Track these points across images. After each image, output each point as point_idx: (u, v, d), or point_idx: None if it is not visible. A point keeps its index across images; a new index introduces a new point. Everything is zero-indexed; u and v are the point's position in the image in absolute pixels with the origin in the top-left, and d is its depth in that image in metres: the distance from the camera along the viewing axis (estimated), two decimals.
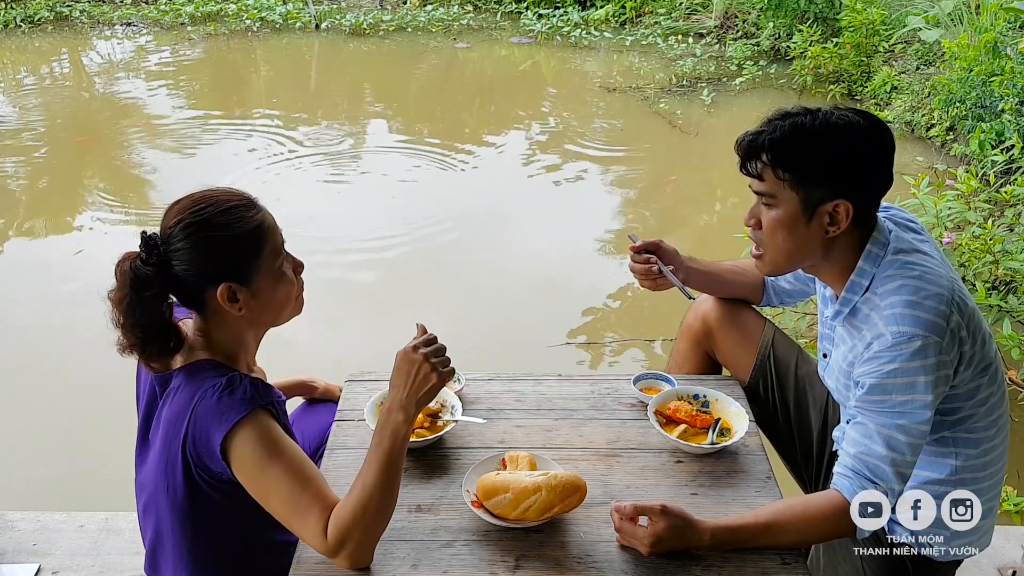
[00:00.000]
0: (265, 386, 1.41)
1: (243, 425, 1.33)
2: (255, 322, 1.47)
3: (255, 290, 1.41)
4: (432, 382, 1.39)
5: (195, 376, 1.40)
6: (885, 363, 1.42)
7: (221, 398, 1.34)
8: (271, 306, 1.45)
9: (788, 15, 6.87)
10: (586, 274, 4.22)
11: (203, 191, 1.42)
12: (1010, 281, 3.16)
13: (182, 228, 1.36)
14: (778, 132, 1.45)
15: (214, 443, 1.33)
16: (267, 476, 1.33)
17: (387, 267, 4.21)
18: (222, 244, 1.37)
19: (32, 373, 3.39)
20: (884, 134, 1.47)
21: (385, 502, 1.37)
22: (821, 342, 1.71)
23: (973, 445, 1.54)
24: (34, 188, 5.28)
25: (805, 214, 1.46)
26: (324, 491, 1.36)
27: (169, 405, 1.41)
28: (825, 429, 1.87)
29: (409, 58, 7.68)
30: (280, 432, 1.37)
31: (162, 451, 1.41)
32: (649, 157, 5.74)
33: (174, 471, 1.39)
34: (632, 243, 1.93)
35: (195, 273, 1.37)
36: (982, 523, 1.57)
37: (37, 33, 8.16)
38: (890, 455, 1.42)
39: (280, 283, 1.45)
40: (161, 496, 1.43)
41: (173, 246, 1.37)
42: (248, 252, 1.40)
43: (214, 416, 1.34)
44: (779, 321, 2.92)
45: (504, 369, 1.97)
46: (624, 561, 1.43)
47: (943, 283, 1.44)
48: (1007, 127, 4.23)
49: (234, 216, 1.39)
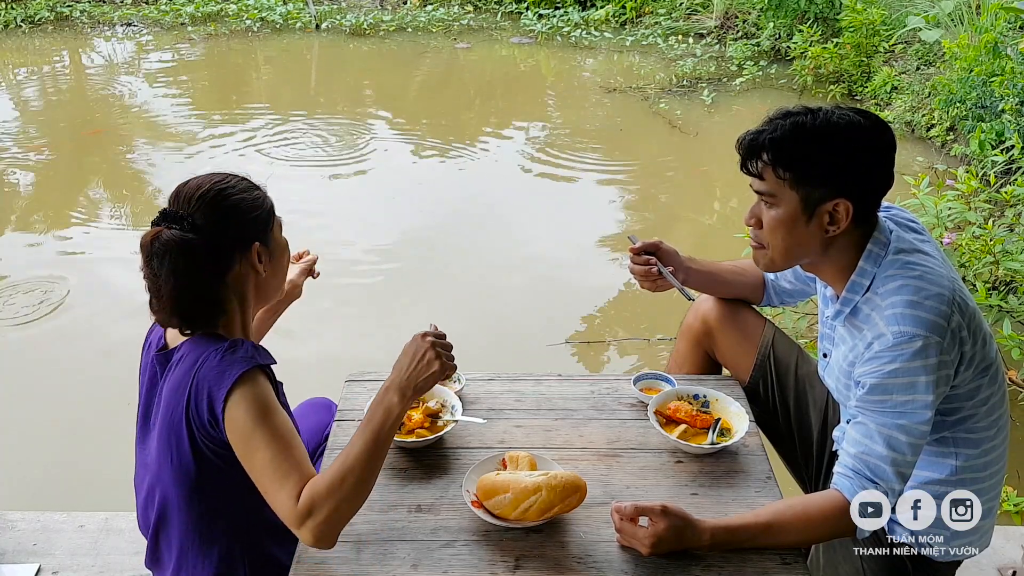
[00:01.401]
0: (265, 351, 1.46)
1: (242, 383, 1.36)
2: (261, 292, 1.53)
3: (271, 255, 1.51)
4: (434, 368, 1.41)
5: (198, 345, 1.43)
6: (886, 363, 1.42)
7: (224, 357, 1.39)
8: (278, 276, 1.55)
9: (788, 15, 6.88)
10: (586, 274, 4.22)
11: (207, 174, 1.49)
12: (1010, 281, 3.16)
13: (206, 199, 1.43)
14: (779, 131, 1.45)
15: (217, 400, 1.36)
16: (255, 436, 1.35)
17: (387, 266, 4.21)
18: (247, 208, 1.46)
19: (32, 373, 3.40)
20: (885, 134, 1.47)
21: (363, 479, 1.36)
22: (821, 342, 1.71)
23: (973, 445, 1.54)
24: (34, 188, 5.28)
25: (805, 213, 1.46)
26: (305, 462, 1.37)
27: (172, 376, 1.44)
28: (825, 429, 1.87)
29: (409, 58, 7.68)
30: (273, 397, 1.40)
31: (165, 423, 1.43)
32: (649, 157, 5.74)
33: (179, 439, 1.41)
34: (631, 244, 1.93)
35: (230, 235, 1.44)
36: (982, 523, 1.56)
37: (37, 33, 8.16)
38: (891, 455, 1.42)
39: (283, 254, 1.57)
40: (165, 470, 1.44)
41: (199, 217, 1.41)
42: (267, 219, 1.50)
43: (217, 375, 1.37)
44: (779, 321, 2.92)
45: (504, 369, 1.97)
46: (624, 561, 1.43)
47: (944, 283, 1.44)
48: (1007, 127, 4.23)
49: (246, 187, 1.49)
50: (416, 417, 1.71)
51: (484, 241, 4.56)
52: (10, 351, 3.52)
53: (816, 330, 3.25)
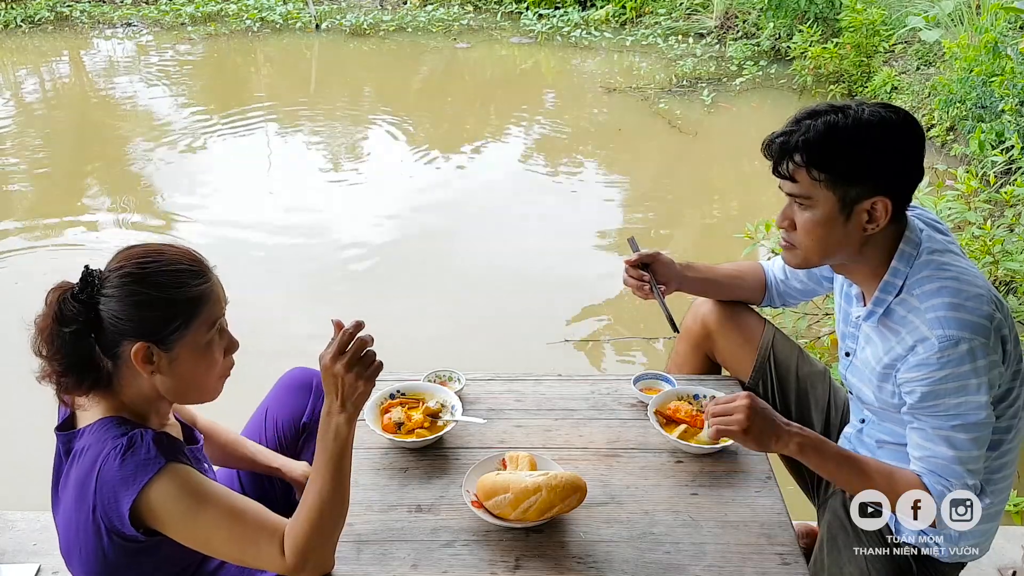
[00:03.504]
0: (170, 439, 1.35)
1: (154, 483, 1.27)
2: (166, 391, 1.38)
3: (173, 358, 1.34)
4: (360, 390, 1.33)
5: (98, 437, 1.33)
6: (935, 370, 1.41)
7: (124, 461, 1.28)
8: (185, 380, 1.37)
9: (788, 15, 6.88)
10: (585, 274, 4.22)
11: (160, 245, 1.37)
12: (1010, 282, 3.16)
13: (120, 276, 1.32)
14: (812, 132, 1.42)
15: (123, 508, 1.27)
16: (201, 523, 1.29)
17: (386, 265, 4.21)
18: (153, 303, 1.31)
19: (31, 373, 3.39)
20: (915, 126, 1.46)
21: (338, 505, 1.35)
22: (843, 340, 1.70)
23: (993, 447, 1.53)
24: (33, 187, 5.28)
25: (843, 213, 1.44)
26: (264, 517, 1.34)
27: (76, 467, 1.34)
28: (827, 429, 1.87)
29: (409, 58, 7.68)
30: (198, 477, 1.32)
31: (72, 519, 1.35)
32: (648, 157, 5.74)
33: (86, 535, 1.32)
34: (631, 247, 1.93)
35: (117, 323, 1.31)
36: (987, 525, 1.56)
37: (37, 33, 8.16)
38: (955, 453, 1.44)
39: (202, 359, 1.37)
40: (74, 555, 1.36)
41: (106, 290, 1.31)
42: (177, 318, 1.33)
43: (119, 481, 1.27)
44: (779, 321, 2.92)
45: (504, 368, 1.96)
46: (624, 561, 1.43)
47: (980, 283, 1.45)
48: (1007, 127, 4.23)
49: (176, 279, 1.33)
50: (416, 417, 1.71)
51: (484, 240, 4.55)
52: (10, 351, 3.51)
53: (816, 330, 3.27)
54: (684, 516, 1.52)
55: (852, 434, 1.72)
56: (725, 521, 1.51)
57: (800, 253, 1.53)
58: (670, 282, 1.90)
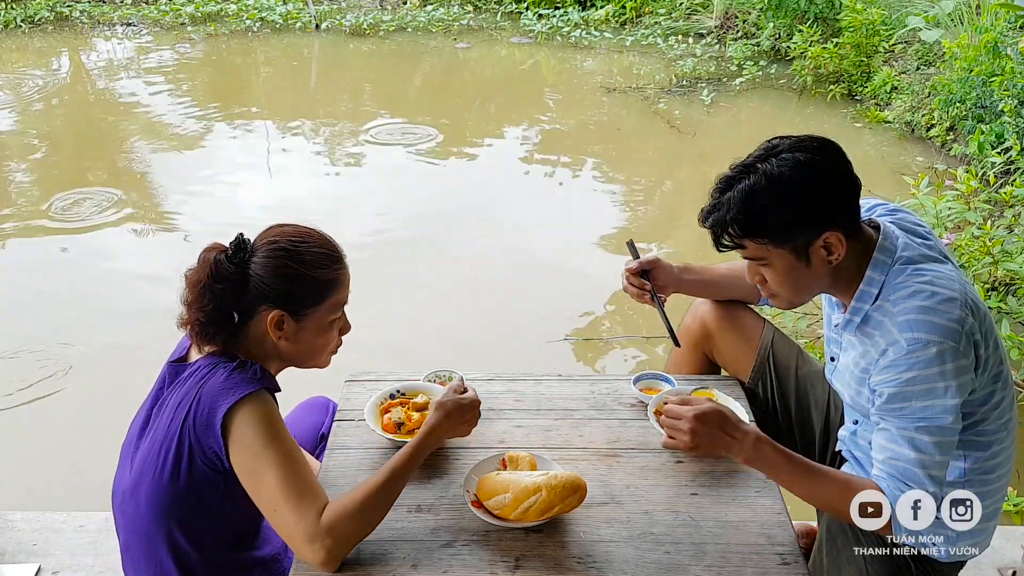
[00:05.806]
0: (272, 378, 1.48)
1: (249, 400, 1.39)
2: (284, 354, 1.53)
3: (300, 328, 1.50)
4: (462, 433, 1.59)
5: (210, 362, 1.47)
6: (902, 371, 1.42)
7: (232, 374, 1.42)
8: (305, 349, 1.54)
9: (788, 15, 6.87)
10: (585, 273, 4.22)
11: (307, 228, 1.54)
12: (1009, 282, 3.16)
13: (272, 248, 1.47)
14: (732, 206, 1.44)
15: (217, 415, 1.38)
16: (264, 456, 1.37)
17: (386, 265, 4.21)
18: (299, 278, 1.47)
19: (31, 372, 3.39)
20: (832, 153, 1.47)
21: (383, 504, 1.43)
22: (828, 346, 1.72)
23: (983, 448, 1.54)
24: (33, 187, 5.28)
25: (801, 260, 1.47)
26: (316, 481, 1.42)
27: (180, 389, 1.46)
28: (827, 429, 1.87)
29: (409, 58, 7.68)
30: (281, 418, 1.44)
31: (161, 432, 1.45)
32: (648, 157, 5.74)
33: (167, 452, 1.42)
34: (630, 250, 1.93)
35: (263, 288, 1.46)
36: (985, 524, 1.57)
37: (37, 33, 8.16)
38: (917, 456, 1.43)
39: (324, 334, 1.55)
40: (143, 486, 1.45)
41: (257, 258, 1.47)
42: (314, 295, 1.49)
43: (222, 389, 1.40)
44: (779, 321, 2.92)
45: (503, 367, 1.97)
46: (624, 561, 1.43)
47: (955, 287, 1.44)
48: (1007, 128, 4.23)
49: (321, 260, 1.50)
50: (416, 417, 1.71)
51: (484, 240, 4.55)
52: (11, 351, 3.52)
53: (816, 330, 3.27)
54: (684, 516, 1.53)
55: (847, 436, 1.72)
56: (725, 521, 1.52)
57: (783, 299, 1.59)
58: (668, 286, 1.90)
